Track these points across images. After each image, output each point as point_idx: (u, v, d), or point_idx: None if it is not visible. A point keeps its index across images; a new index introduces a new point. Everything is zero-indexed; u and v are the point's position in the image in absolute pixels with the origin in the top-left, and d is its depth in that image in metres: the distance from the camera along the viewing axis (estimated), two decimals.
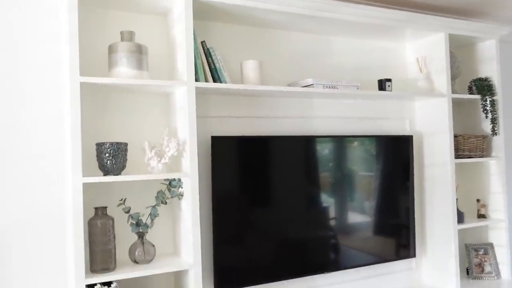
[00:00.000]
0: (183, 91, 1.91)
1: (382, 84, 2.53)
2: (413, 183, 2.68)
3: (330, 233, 2.42)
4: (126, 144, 1.82)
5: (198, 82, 1.92)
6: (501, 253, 2.85)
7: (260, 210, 2.24)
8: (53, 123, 1.90)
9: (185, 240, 1.95)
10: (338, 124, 2.55)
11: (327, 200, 2.41)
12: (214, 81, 2.02)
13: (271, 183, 2.26)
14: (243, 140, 2.19)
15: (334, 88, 2.27)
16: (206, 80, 1.99)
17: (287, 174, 2.30)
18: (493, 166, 2.86)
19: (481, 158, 2.76)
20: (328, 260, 2.41)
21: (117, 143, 1.77)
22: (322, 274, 2.44)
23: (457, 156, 2.69)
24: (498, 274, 2.82)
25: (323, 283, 2.47)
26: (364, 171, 2.52)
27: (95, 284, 1.71)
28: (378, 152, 2.58)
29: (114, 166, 1.77)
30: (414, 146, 2.74)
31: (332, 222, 2.43)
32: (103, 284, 1.72)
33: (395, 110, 2.74)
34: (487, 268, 2.84)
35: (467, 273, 2.89)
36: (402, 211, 2.65)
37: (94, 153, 1.84)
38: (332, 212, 2.43)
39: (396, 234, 2.64)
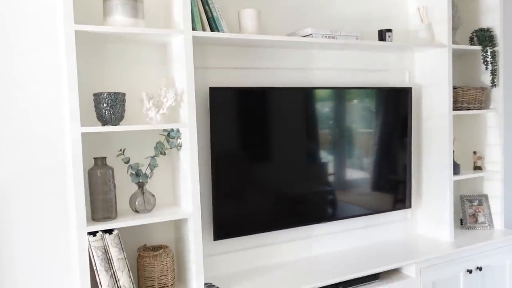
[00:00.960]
0: (180, 40, 1.88)
1: (382, 35, 2.49)
2: (410, 139, 2.69)
3: (328, 188, 2.46)
4: (124, 94, 1.81)
5: (195, 31, 1.89)
6: (495, 204, 2.90)
7: (258, 162, 2.25)
8: (50, 74, 1.88)
9: (184, 190, 1.98)
10: (337, 75, 2.53)
11: (325, 155, 2.43)
12: (212, 30, 1.99)
13: (269, 134, 2.26)
14: (241, 91, 2.18)
15: (334, 38, 2.23)
16: (204, 30, 1.96)
17: (285, 126, 2.30)
18: (491, 118, 2.86)
19: (479, 110, 2.76)
20: (326, 211, 2.46)
21: (114, 93, 1.76)
22: (319, 224, 2.50)
23: (456, 108, 2.69)
24: (491, 224, 2.89)
25: (320, 233, 2.52)
26: (362, 124, 2.52)
27: (97, 232, 1.74)
28: (376, 105, 2.57)
29: (113, 116, 1.77)
30: (413, 98, 2.73)
31: (330, 177, 2.46)
32: (105, 231, 1.76)
33: (394, 62, 2.71)
34: (481, 219, 2.90)
35: (461, 223, 2.96)
36: (399, 167, 2.67)
37: (92, 104, 1.83)
38: (330, 168, 2.45)
39: (393, 188, 2.68)
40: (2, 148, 1.82)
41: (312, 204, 2.42)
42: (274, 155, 2.29)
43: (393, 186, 2.68)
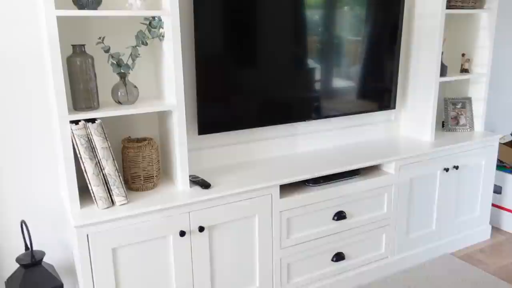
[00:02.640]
0: None
1: None
2: (400, 38, 2.63)
3: (314, 92, 2.43)
4: None
5: None
6: (477, 107, 2.94)
7: (244, 60, 2.19)
8: None
9: (168, 82, 1.93)
10: None
11: (315, 59, 2.37)
12: None
13: (257, 32, 2.18)
14: None
15: None
16: None
17: (274, 26, 2.21)
18: (484, 18, 2.79)
19: (473, 10, 2.67)
20: (310, 110, 2.46)
21: None
22: (304, 122, 2.52)
23: (449, 7, 2.60)
24: (471, 126, 2.95)
25: (305, 131, 2.55)
26: (353, 25, 2.44)
27: (79, 121, 1.72)
28: (368, 3, 2.46)
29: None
30: None
31: (318, 83, 2.43)
32: (87, 120, 1.74)
33: None
34: (462, 121, 2.95)
35: (442, 126, 3.01)
36: (387, 67, 2.64)
37: None
38: (318, 73, 2.41)
39: (379, 90, 2.67)
40: None
41: (297, 105, 2.41)
42: (261, 53, 2.23)
43: (379, 88, 2.67)
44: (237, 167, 2.29)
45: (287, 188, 2.21)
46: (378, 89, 2.67)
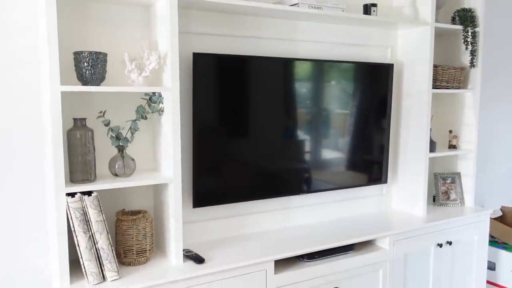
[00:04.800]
0: (165, 2, 1.83)
1: (367, 9, 2.49)
2: (390, 116, 2.73)
3: (306, 163, 2.48)
4: (105, 54, 1.76)
5: None
6: (467, 182, 2.99)
7: (238, 132, 2.25)
8: (27, 31, 1.81)
9: (166, 155, 1.96)
10: (320, 48, 2.52)
11: (305, 131, 2.44)
12: None
13: (250, 104, 2.25)
14: (226, 59, 2.15)
15: (320, 9, 2.22)
16: None
17: (266, 98, 2.30)
18: (468, 98, 2.93)
19: (457, 90, 2.81)
20: (302, 184, 2.48)
21: (96, 52, 1.71)
22: (297, 196, 2.53)
23: (435, 87, 2.73)
24: (462, 201, 2.98)
25: (298, 205, 2.56)
26: (342, 100, 2.54)
27: (75, 193, 1.72)
28: (358, 81, 2.59)
29: (94, 76, 1.72)
30: (394, 75, 2.75)
31: (308, 154, 2.48)
32: (83, 193, 1.73)
33: (377, 38, 2.73)
34: (453, 196, 2.99)
35: (434, 200, 3.04)
36: (377, 143, 2.71)
37: (72, 63, 1.78)
38: (308, 145, 2.47)
39: (370, 164, 2.72)
40: None
41: (289, 178, 2.44)
42: (254, 126, 2.29)
43: (370, 161, 2.72)
44: (231, 241, 2.26)
45: (281, 263, 2.17)
46: (370, 163, 2.72)
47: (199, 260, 1.97)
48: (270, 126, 2.33)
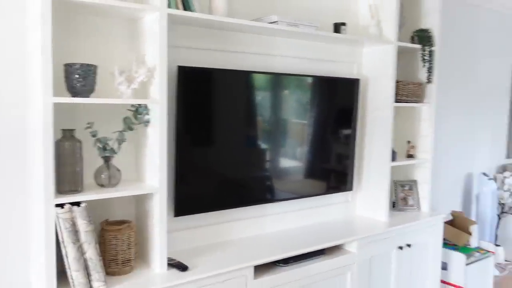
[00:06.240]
0: (155, 17, 1.89)
1: (337, 28, 2.65)
2: (355, 128, 2.90)
3: (278, 172, 2.59)
4: (96, 67, 1.78)
5: (170, 9, 1.91)
6: (423, 189, 3.22)
7: (217, 142, 2.32)
8: (14, 42, 1.80)
9: (151, 166, 2.00)
10: (294, 63, 2.65)
11: (277, 142, 2.56)
12: (184, 9, 2.01)
13: (232, 116, 2.34)
14: (210, 72, 2.22)
15: (296, 26, 2.34)
16: (177, 8, 1.97)
17: (247, 109, 2.40)
18: (425, 111, 3.17)
19: (415, 104, 3.04)
20: (277, 193, 2.59)
21: (87, 64, 1.74)
22: (271, 204, 2.63)
23: (396, 101, 2.93)
24: (419, 207, 3.21)
25: (273, 212, 2.66)
26: (314, 112, 2.68)
27: (64, 204, 1.72)
28: (327, 94, 2.74)
29: (84, 88, 1.74)
30: (360, 89, 2.93)
31: (282, 164, 2.60)
32: (72, 204, 1.74)
33: (345, 55, 2.90)
34: (410, 202, 3.21)
35: (393, 206, 3.25)
36: (343, 154, 2.87)
37: (61, 75, 1.78)
38: (282, 155, 2.59)
39: (337, 173, 2.88)
40: None
41: (264, 187, 2.54)
42: (234, 137, 2.37)
43: (337, 170, 2.88)
44: (211, 248, 2.33)
45: (259, 269, 2.25)
46: (338, 172, 2.88)
47: (182, 267, 2.02)
48: (248, 138, 2.43)
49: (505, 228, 4.26)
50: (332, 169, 2.85)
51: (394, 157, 2.98)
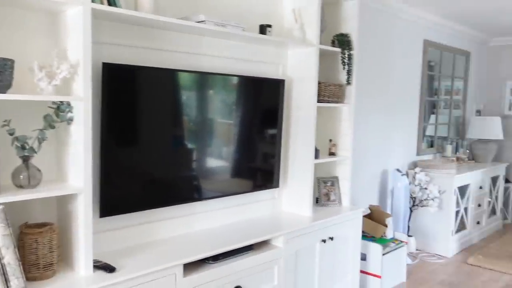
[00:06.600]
0: (78, 11, 1.83)
1: (263, 29, 2.73)
2: (281, 127, 3.00)
3: (206, 174, 2.62)
4: (13, 61, 1.69)
5: (94, 4, 1.86)
6: (344, 185, 3.41)
7: (142, 142, 2.30)
8: None
9: (74, 165, 1.93)
10: (222, 63, 2.69)
11: (201, 140, 2.59)
12: (109, 5, 1.97)
13: (157, 114, 2.32)
14: (136, 70, 2.19)
15: (224, 27, 2.38)
16: (101, 3, 1.93)
17: (171, 108, 2.39)
18: (345, 111, 3.35)
19: (336, 104, 3.21)
20: (204, 191, 2.62)
21: (3, 58, 1.64)
22: (198, 202, 2.65)
23: (319, 101, 3.08)
24: (340, 202, 3.39)
25: (200, 211, 2.68)
26: (240, 112, 2.74)
27: None
28: (253, 94, 2.81)
29: (1, 83, 1.65)
30: (285, 90, 3.04)
31: (209, 163, 2.63)
32: None
33: (271, 56, 2.99)
34: (332, 197, 3.38)
35: (316, 202, 3.40)
36: (269, 152, 2.97)
37: None
38: (209, 153, 2.62)
39: (264, 171, 2.97)
40: None
41: (190, 185, 2.55)
42: (158, 136, 2.36)
43: (264, 168, 2.97)
44: (139, 248, 2.29)
45: (188, 267, 2.26)
46: (264, 170, 2.97)
47: (110, 269, 1.98)
48: (174, 138, 2.42)
49: (416, 220, 4.63)
50: (258, 167, 2.93)
51: (317, 155, 3.13)
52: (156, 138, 2.34)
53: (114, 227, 2.27)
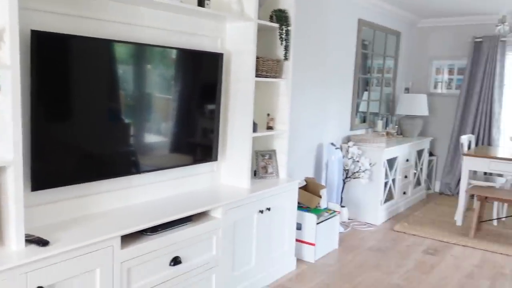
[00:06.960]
0: None
1: (202, 2, 2.71)
2: (220, 100, 3.03)
3: (144, 147, 2.60)
4: None
5: None
6: (281, 158, 3.52)
7: (74, 114, 2.24)
8: None
9: (2, 137, 1.85)
10: (159, 35, 2.65)
11: (139, 113, 2.56)
12: None
13: (89, 85, 2.27)
14: (66, 38, 2.11)
15: None
16: None
17: (104, 80, 2.34)
18: (282, 86, 3.44)
19: (274, 79, 3.28)
20: (140, 164, 2.60)
21: None
22: (136, 175, 2.64)
23: (257, 75, 3.13)
24: (277, 174, 3.51)
25: (138, 184, 2.67)
26: (178, 85, 2.73)
27: None
28: (191, 67, 2.80)
29: None
30: (224, 64, 3.06)
31: (148, 136, 2.61)
32: None
33: (209, 29, 2.98)
34: (270, 170, 3.49)
35: (255, 174, 3.49)
36: (208, 126, 2.99)
37: None
38: (147, 126, 2.60)
39: (202, 144, 2.99)
40: None
41: (127, 159, 2.53)
42: (91, 108, 2.31)
43: (202, 141, 3.00)
44: (75, 222, 2.26)
45: (126, 239, 2.27)
46: (203, 143, 2.99)
47: (42, 242, 1.94)
48: (110, 111, 2.38)
49: (348, 192, 4.88)
50: (197, 141, 2.95)
51: (255, 129, 3.19)
52: (91, 110, 2.29)
53: (48, 201, 2.22)
